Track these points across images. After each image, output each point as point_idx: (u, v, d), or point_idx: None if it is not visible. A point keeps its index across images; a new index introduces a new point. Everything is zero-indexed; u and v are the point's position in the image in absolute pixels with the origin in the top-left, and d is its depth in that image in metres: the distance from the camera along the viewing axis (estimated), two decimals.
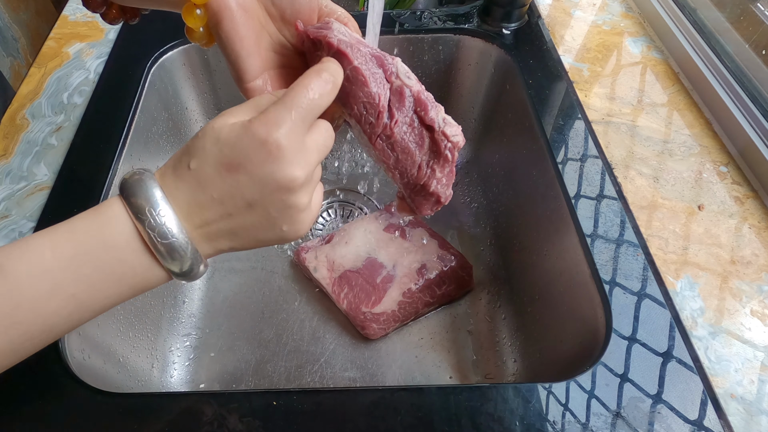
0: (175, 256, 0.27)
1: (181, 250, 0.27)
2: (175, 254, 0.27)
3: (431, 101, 0.35)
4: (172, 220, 0.27)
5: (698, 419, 0.40)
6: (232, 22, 0.32)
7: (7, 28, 0.80)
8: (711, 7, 0.68)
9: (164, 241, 0.27)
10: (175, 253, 0.27)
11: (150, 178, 0.28)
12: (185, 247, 0.27)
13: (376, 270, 0.69)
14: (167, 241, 0.27)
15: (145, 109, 0.66)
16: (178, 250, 0.27)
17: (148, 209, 0.27)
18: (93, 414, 0.41)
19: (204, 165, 0.28)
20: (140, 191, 0.27)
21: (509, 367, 0.63)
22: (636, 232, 0.52)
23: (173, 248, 0.27)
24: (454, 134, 0.36)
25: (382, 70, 0.35)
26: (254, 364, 0.65)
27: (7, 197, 0.55)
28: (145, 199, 0.27)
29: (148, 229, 0.26)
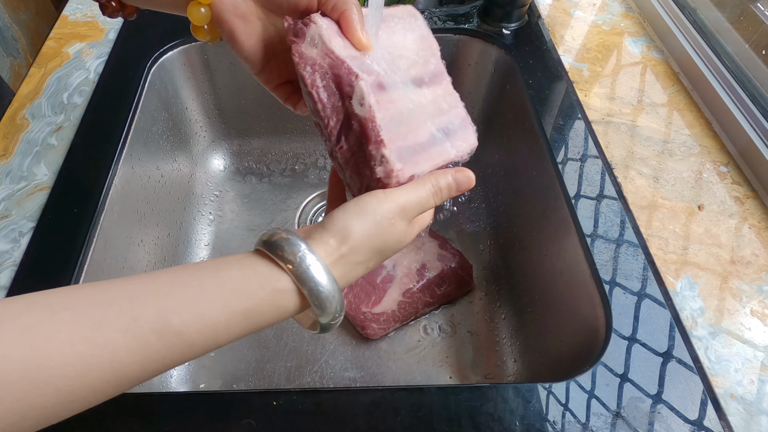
0: (331, 322, 0.32)
1: (336, 318, 0.32)
2: (332, 320, 0.32)
3: (376, 135, 0.34)
4: (340, 305, 0.31)
5: (698, 419, 0.40)
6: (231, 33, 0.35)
7: (7, 28, 0.80)
8: (711, 7, 0.68)
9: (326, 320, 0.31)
10: (332, 321, 0.32)
11: (324, 268, 0.31)
12: (339, 312, 0.32)
13: (376, 270, 0.69)
14: (329, 319, 0.31)
15: (145, 109, 0.66)
16: (336, 321, 0.32)
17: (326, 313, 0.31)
18: (93, 414, 0.41)
19: (377, 261, 0.34)
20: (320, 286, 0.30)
21: (509, 367, 0.63)
22: (636, 232, 0.52)
23: (333, 322, 0.32)
24: (385, 175, 0.34)
25: (339, 94, 0.34)
26: (254, 364, 0.65)
27: (7, 197, 0.55)
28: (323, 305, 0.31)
29: (313, 299, 0.30)
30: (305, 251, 0.30)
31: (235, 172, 0.85)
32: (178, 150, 0.76)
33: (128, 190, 0.60)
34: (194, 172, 0.81)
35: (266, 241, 0.31)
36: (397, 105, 0.36)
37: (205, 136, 0.83)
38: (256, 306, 0.29)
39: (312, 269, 0.29)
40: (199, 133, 0.82)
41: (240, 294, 0.29)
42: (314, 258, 0.30)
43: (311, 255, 0.30)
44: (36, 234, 0.51)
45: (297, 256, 0.30)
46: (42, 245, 0.51)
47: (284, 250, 0.30)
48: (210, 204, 0.81)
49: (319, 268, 0.30)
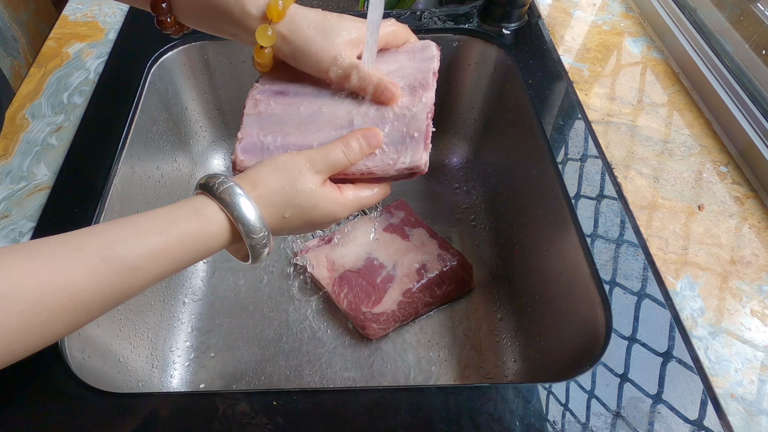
0: (255, 241, 0.37)
1: (260, 245, 0.37)
2: (255, 241, 0.37)
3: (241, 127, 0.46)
4: (260, 223, 0.36)
5: (698, 419, 0.40)
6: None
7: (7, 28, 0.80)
8: (711, 7, 0.68)
9: (251, 237, 0.36)
10: (255, 241, 0.37)
11: (244, 194, 0.36)
12: (265, 243, 0.37)
13: (376, 270, 0.69)
14: (254, 237, 0.36)
15: (145, 109, 0.66)
16: (258, 247, 0.37)
17: (245, 222, 0.35)
18: (93, 414, 0.41)
19: (294, 216, 0.38)
20: (245, 214, 0.35)
21: (509, 367, 0.63)
22: (636, 232, 0.52)
23: (256, 239, 0.36)
24: (232, 160, 0.44)
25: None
26: (254, 364, 0.65)
27: (7, 197, 0.55)
28: (242, 212, 0.35)
29: (248, 237, 0.36)
30: (228, 182, 0.35)
31: None
32: (178, 150, 0.76)
33: (128, 190, 0.60)
34: (194, 172, 0.81)
35: (198, 182, 0.37)
36: (289, 108, 0.43)
37: (205, 136, 0.83)
38: (189, 230, 0.34)
39: (234, 196, 0.35)
40: (199, 133, 0.82)
41: (174, 220, 0.34)
42: (235, 186, 0.35)
43: (233, 185, 0.35)
44: (36, 234, 0.51)
45: (221, 186, 0.35)
46: None
47: (209, 182, 0.36)
48: None
49: (240, 194, 0.35)
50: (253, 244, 0.36)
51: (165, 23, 0.43)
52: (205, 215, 0.35)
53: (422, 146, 0.41)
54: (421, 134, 0.41)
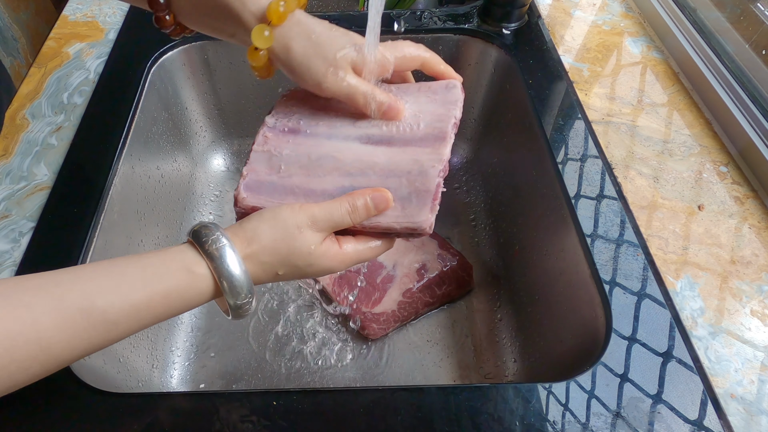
0: (240, 310, 0.36)
1: (243, 307, 0.36)
2: (240, 309, 0.36)
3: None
4: (249, 291, 0.35)
5: (698, 419, 0.40)
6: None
7: (7, 28, 0.80)
8: (711, 7, 0.68)
9: (236, 302, 0.35)
10: (240, 309, 0.36)
11: (238, 257, 0.35)
12: (248, 307, 0.36)
13: (376, 270, 0.69)
14: (239, 302, 0.35)
15: (145, 109, 0.66)
16: (245, 310, 0.36)
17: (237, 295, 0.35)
18: (93, 414, 0.41)
19: (289, 273, 0.37)
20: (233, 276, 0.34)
21: (509, 367, 0.63)
22: (636, 232, 0.52)
23: (242, 308, 0.36)
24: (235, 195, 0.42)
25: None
26: (254, 364, 0.65)
27: (7, 197, 0.55)
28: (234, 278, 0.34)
29: (224, 284, 0.34)
30: (221, 240, 0.34)
31: (235, 172, 0.85)
32: (178, 150, 0.76)
33: (128, 190, 0.60)
34: (194, 172, 0.81)
35: (192, 230, 0.35)
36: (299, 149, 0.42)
37: (205, 136, 0.83)
38: (175, 287, 0.33)
39: (225, 256, 0.34)
40: (199, 133, 0.82)
41: (160, 276, 0.33)
42: (228, 246, 0.34)
43: (225, 242, 0.34)
44: (36, 234, 0.51)
45: (214, 244, 0.34)
46: (42, 245, 0.51)
47: (201, 234, 0.34)
48: (210, 204, 0.81)
49: (231, 255, 0.34)
50: (237, 304, 0.35)
51: (163, 20, 0.41)
52: (194, 273, 0.33)
53: (428, 208, 0.38)
54: (429, 194, 0.38)
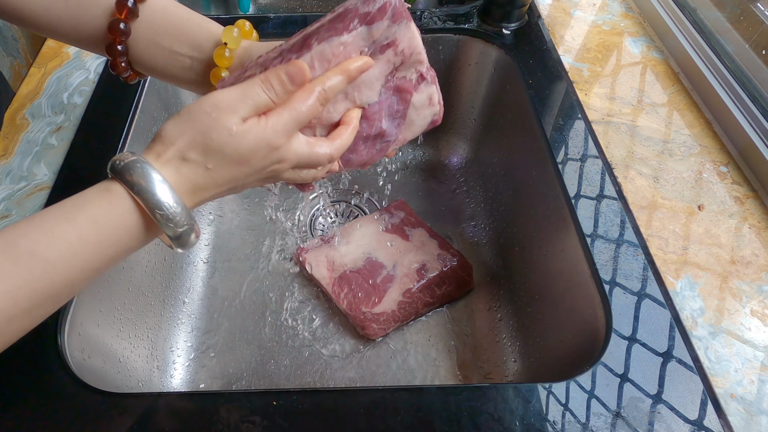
0: (172, 224, 0.32)
1: (180, 222, 0.32)
2: (173, 222, 0.32)
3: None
4: (175, 201, 0.32)
5: (698, 419, 0.40)
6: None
7: (7, 28, 0.80)
8: (711, 7, 0.68)
9: (161, 213, 0.31)
10: (172, 222, 0.32)
11: (149, 166, 0.32)
12: (183, 220, 0.32)
13: (376, 270, 0.69)
14: (164, 213, 0.31)
15: (145, 109, 0.66)
16: (176, 221, 0.32)
17: (162, 207, 0.31)
18: (93, 414, 0.41)
19: (221, 163, 0.33)
20: (144, 181, 0.31)
21: (509, 367, 0.63)
22: (636, 232, 0.52)
23: (172, 220, 0.32)
24: None
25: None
26: (254, 364, 0.65)
27: (7, 197, 0.55)
28: (148, 186, 0.31)
29: (155, 209, 0.31)
30: (130, 157, 0.31)
31: None
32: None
33: None
34: None
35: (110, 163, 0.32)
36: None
37: None
38: (99, 211, 0.31)
39: (137, 172, 0.31)
40: None
41: (79, 205, 0.31)
42: (137, 161, 0.31)
43: (135, 159, 0.31)
44: None
45: (121, 162, 0.31)
46: None
47: (114, 161, 0.32)
48: (210, 204, 0.81)
49: (142, 166, 0.31)
50: (176, 231, 0.32)
51: (120, 67, 0.40)
52: (112, 191, 0.31)
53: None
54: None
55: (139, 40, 0.40)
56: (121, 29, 0.38)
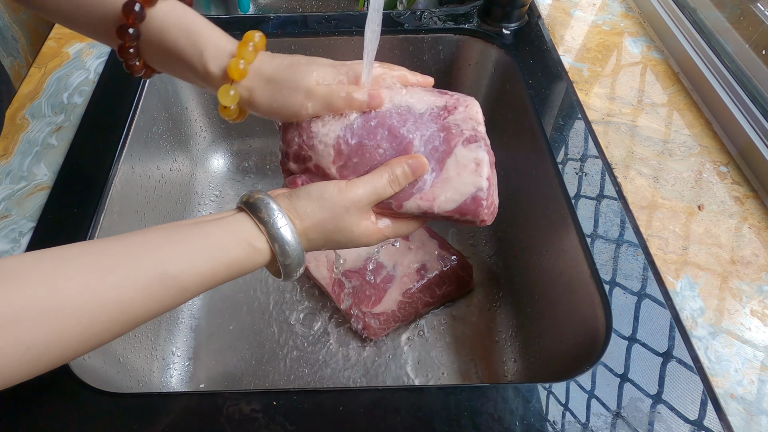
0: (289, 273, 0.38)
1: (294, 273, 0.38)
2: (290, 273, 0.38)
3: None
4: (295, 241, 0.37)
5: (698, 419, 0.40)
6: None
7: (7, 28, 0.80)
8: (711, 7, 0.68)
9: (286, 261, 0.37)
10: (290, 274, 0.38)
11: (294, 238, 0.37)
12: (300, 266, 0.38)
13: (376, 270, 0.69)
14: (288, 261, 0.37)
15: (145, 109, 0.66)
16: (293, 273, 0.38)
17: (287, 261, 0.37)
18: (93, 414, 0.41)
19: (330, 246, 0.40)
20: (289, 253, 0.37)
21: (509, 367, 0.63)
22: (636, 232, 0.52)
23: (290, 273, 0.38)
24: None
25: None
26: (254, 364, 0.65)
27: (7, 197, 0.55)
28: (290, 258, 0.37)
29: (281, 253, 0.36)
30: (280, 218, 0.36)
31: (235, 172, 0.85)
32: (178, 150, 0.76)
33: (128, 190, 0.60)
34: (194, 172, 0.81)
35: (246, 201, 0.37)
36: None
37: (205, 136, 0.83)
38: (236, 259, 0.35)
39: (282, 231, 0.36)
40: (199, 133, 0.82)
41: (223, 249, 0.35)
42: (285, 221, 0.36)
43: (283, 218, 0.36)
44: (36, 234, 0.51)
45: (273, 221, 0.36)
46: (42, 245, 0.50)
47: (259, 209, 0.36)
48: (210, 204, 0.81)
49: (287, 230, 0.36)
50: (289, 273, 0.38)
51: (134, 67, 0.41)
52: (255, 248, 0.36)
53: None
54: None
55: (150, 44, 0.40)
56: (129, 33, 0.39)
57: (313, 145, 0.40)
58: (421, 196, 0.39)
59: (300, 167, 0.41)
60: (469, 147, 0.39)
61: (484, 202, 0.39)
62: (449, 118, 0.40)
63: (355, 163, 0.39)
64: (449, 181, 0.39)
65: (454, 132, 0.40)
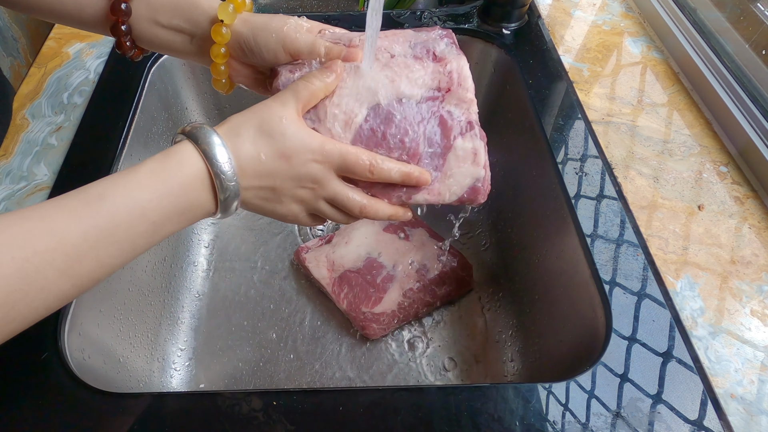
0: (227, 193, 0.36)
1: (232, 193, 0.36)
2: (228, 192, 0.36)
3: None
4: (232, 170, 0.35)
5: (698, 419, 0.40)
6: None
7: (7, 28, 0.80)
8: (711, 7, 0.68)
9: (225, 183, 0.35)
10: (228, 192, 0.36)
11: (217, 136, 0.36)
12: (236, 192, 0.36)
13: (376, 270, 0.69)
14: (226, 183, 0.35)
15: (145, 109, 0.66)
16: (231, 191, 0.36)
17: (216, 159, 0.35)
18: (93, 414, 0.41)
19: (267, 149, 0.36)
20: (210, 145, 0.35)
21: (509, 367, 0.63)
22: (636, 232, 0.52)
23: (228, 189, 0.35)
24: None
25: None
26: (254, 364, 0.65)
27: (7, 197, 0.55)
28: (213, 152, 0.35)
29: (218, 172, 0.35)
30: (197, 124, 0.36)
31: None
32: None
33: None
34: None
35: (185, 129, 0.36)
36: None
37: None
38: (157, 166, 0.34)
39: (201, 132, 0.35)
40: None
41: (145, 163, 0.34)
42: (202, 126, 0.36)
43: (200, 125, 0.36)
44: None
45: (193, 127, 0.36)
46: None
47: (184, 127, 0.36)
48: None
49: (207, 130, 0.36)
50: (224, 194, 0.36)
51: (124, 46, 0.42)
52: (177, 151, 0.35)
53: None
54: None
55: (140, 19, 0.41)
56: (122, 9, 0.40)
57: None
58: (429, 191, 0.41)
59: None
60: (466, 137, 0.40)
61: (481, 189, 0.41)
62: (445, 103, 0.40)
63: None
64: (452, 176, 0.40)
65: (452, 124, 0.40)
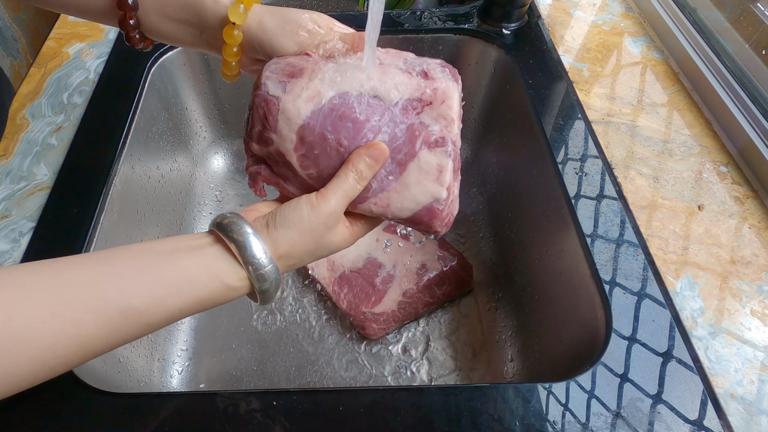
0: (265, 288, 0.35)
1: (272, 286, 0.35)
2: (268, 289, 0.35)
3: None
4: (273, 268, 0.35)
5: (698, 419, 0.40)
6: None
7: (7, 28, 0.80)
8: (711, 7, 0.68)
9: (263, 287, 0.35)
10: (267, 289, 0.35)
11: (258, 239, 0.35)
12: (276, 284, 0.35)
13: (376, 270, 0.69)
14: (265, 287, 0.35)
15: (145, 109, 0.66)
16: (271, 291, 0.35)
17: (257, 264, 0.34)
18: (93, 414, 0.41)
19: (311, 260, 0.38)
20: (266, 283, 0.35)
21: (509, 367, 0.63)
22: (636, 232, 0.52)
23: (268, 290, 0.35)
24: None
25: None
26: (254, 364, 0.65)
27: (7, 197, 0.55)
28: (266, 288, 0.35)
29: (256, 279, 0.34)
30: (258, 251, 0.34)
31: (235, 172, 0.85)
32: (178, 150, 0.76)
33: (128, 190, 0.60)
34: (194, 172, 0.81)
35: (219, 223, 0.35)
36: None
37: (205, 136, 0.83)
38: (209, 295, 0.34)
39: (264, 270, 0.34)
40: (199, 133, 0.82)
41: (194, 284, 0.33)
42: (262, 250, 0.34)
43: (259, 245, 0.34)
44: (36, 234, 0.51)
45: (247, 252, 0.34)
46: (42, 245, 0.51)
47: (232, 235, 0.34)
48: (210, 204, 0.81)
49: (270, 269, 0.34)
50: (266, 299, 0.36)
51: (134, 39, 0.41)
52: (228, 285, 0.34)
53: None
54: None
55: (149, 12, 0.41)
56: (129, 4, 0.39)
57: (278, 127, 0.37)
58: (375, 201, 0.38)
59: (262, 150, 0.39)
60: (435, 151, 0.36)
61: (439, 213, 0.37)
62: (422, 115, 0.37)
63: (316, 155, 0.37)
64: (408, 187, 0.37)
65: (422, 133, 0.37)
